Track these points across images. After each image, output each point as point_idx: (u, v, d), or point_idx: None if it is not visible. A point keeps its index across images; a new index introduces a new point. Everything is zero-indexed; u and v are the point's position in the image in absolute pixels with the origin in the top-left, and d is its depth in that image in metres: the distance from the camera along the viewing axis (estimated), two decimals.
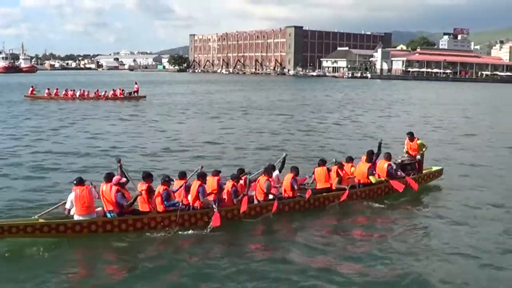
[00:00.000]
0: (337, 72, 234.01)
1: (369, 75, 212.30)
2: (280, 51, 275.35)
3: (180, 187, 14.87)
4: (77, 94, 63.67)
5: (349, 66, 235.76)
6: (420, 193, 19.09)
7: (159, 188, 14.38)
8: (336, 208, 16.79)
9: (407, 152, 20.68)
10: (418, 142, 20.70)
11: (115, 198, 13.56)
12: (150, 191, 14.24)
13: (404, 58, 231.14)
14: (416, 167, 20.10)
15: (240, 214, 15.13)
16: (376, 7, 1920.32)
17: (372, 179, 18.07)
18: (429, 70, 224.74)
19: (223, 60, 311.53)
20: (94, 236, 13.23)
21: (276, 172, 16.94)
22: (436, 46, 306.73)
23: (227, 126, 39.72)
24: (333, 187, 17.48)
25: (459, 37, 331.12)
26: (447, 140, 34.13)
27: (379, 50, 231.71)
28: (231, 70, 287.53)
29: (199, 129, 38.36)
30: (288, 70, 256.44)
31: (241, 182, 15.67)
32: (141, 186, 14.36)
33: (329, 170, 17.67)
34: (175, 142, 30.93)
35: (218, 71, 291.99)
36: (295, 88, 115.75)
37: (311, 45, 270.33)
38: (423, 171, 20.44)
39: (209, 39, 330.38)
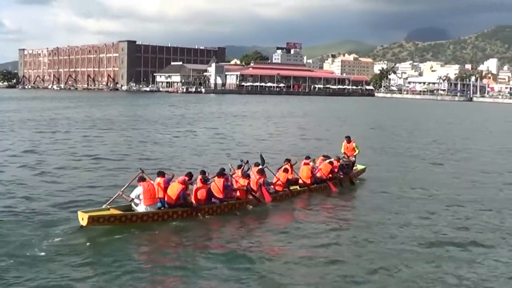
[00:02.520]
0: (171, 87, 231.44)
1: (203, 90, 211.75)
2: (113, 66, 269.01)
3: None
4: None
5: (183, 81, 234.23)
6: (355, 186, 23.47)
7: (198, 185, 17.41)
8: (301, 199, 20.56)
9: (344, 153, 23.95)
10: (354, 144, 24.13)
11: (178, 194, 16.49)
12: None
13: (238, 73, 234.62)
14: (351, 167, 23.76)
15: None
16: (211, 21, 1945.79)
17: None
18: (263, 84, 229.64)
19: (54, 75, 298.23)
20: (156, 223, 16.07)
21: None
22: (269, 60, 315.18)
23: (71, 142, 38.06)
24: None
25: (292, 51, 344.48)
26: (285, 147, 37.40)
27: (213, 65, 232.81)
28: (62, 86, 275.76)
29: (39, 143, 36.59)
30: (121, 86, 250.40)
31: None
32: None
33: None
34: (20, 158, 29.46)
35: (49, 87, 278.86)
36: (132, 103, 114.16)
37: (145, 60, 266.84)
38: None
39: (40, 54, 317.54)
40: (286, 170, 20.37)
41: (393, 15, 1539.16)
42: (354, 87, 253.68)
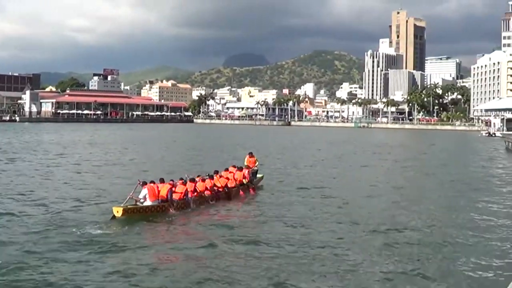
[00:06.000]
0: None
1: (17, 118, 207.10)
2: None
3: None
4: None
5: None
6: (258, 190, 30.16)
7: (179, 187, 23.36)
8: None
9: (247, 165, 30.22)
10: (255, 158, 31.76)
11: (167, 194, 22.38)
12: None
13: (54, 100, 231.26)
14: (255, 174, 30.73)
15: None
16: (24, 47, 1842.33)
17: (244, 181, 28.50)
18: (80, 111, 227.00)
19: None
20: (159, 213, 21.94)
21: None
22: (86, 87, 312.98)
23: None
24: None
25: (109, 77, 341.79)
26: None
27: (28, 92, 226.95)
28: None
29: None
30: None
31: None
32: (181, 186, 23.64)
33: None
34: None
35: None
36: None
37: None
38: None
39: None
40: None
41: (211, 41, 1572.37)
42: (172, 114, 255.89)
